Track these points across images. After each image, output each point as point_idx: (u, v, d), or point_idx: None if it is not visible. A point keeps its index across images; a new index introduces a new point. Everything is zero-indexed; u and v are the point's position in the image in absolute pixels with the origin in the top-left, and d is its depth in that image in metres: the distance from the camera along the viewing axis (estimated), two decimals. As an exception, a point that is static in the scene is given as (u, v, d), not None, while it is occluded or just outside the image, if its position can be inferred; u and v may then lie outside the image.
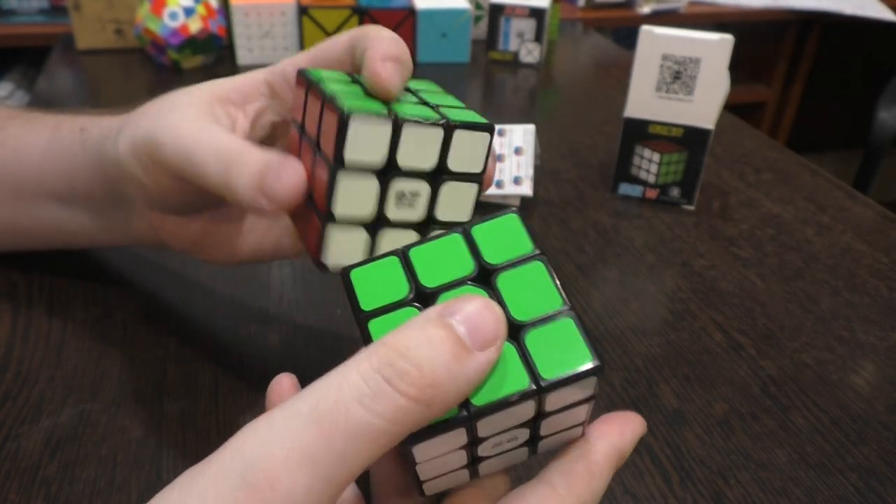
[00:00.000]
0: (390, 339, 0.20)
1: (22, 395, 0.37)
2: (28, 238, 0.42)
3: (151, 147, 0.32)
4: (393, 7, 0.86)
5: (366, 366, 0.19)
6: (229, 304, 0.44)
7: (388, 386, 0.19)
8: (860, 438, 0.37)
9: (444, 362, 0.19)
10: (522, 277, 0.23)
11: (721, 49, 0.52)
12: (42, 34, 1.18)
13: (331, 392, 0.19)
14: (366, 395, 0.19)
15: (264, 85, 0.34)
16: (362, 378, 0.19)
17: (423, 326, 0.20)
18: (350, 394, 0.19)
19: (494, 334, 0.20)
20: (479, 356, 0.20)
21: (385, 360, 0.19)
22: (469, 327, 0.20)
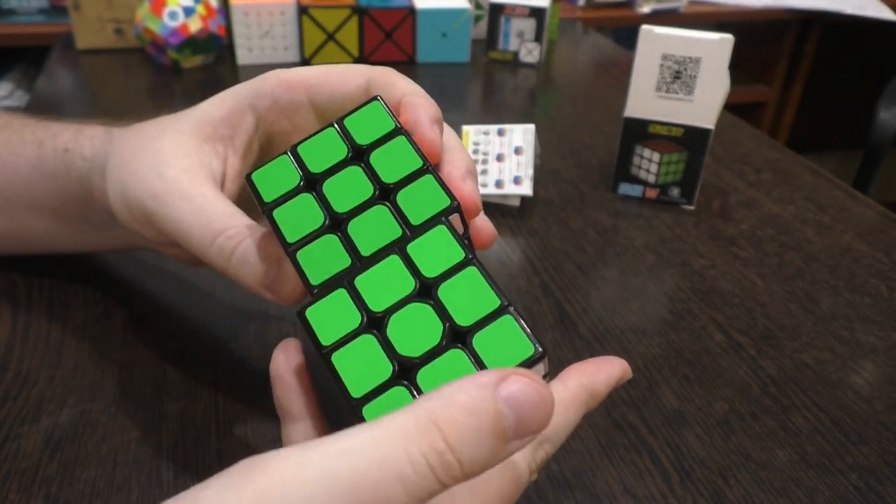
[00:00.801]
0: (444, 425, 0.19)
1: (22, 395, 0.37)
2: (24, 246, 0.42)
3: (145, 218, 0.31)
4: (393, 7, 0.86)
5: (414, 449, 0.19)
6: (229, 304, 0.44)
7: (433, 475, 0.19)
8: (860, 438, 0.37)
9: (483, 457, 0.19)
10: (460, 285, 0.25)
11: (721, 49, 0.52)
12: (42, 34, 1.18)
13: (374, 465, 0.18)
14: (409, 478, 0.18)
15: (250, 112, 0.33)
16: (409, 461, 0.18)
17: (478, 414, 0.19)
18: (394, 474, 0.18)
19: (537, 428, 0.20)
20: (514, 444, 0.20)
21: (434, 449, 0.19)
22: (517, 418, 0.19)
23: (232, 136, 0.33)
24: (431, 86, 0.83)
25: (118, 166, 0.32)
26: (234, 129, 0.33)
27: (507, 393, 0.19)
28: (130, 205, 0.32)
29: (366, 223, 0.26)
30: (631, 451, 0.36)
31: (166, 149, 0.31)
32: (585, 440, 0.36)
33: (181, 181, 0.30)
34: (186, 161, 0.31)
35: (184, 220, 0.30)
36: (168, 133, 0.32)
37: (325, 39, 0.87)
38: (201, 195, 0.30)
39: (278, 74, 0.33)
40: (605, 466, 0.35)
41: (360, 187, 0.27)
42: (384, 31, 0.87)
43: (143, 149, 0.32)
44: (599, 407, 0.38)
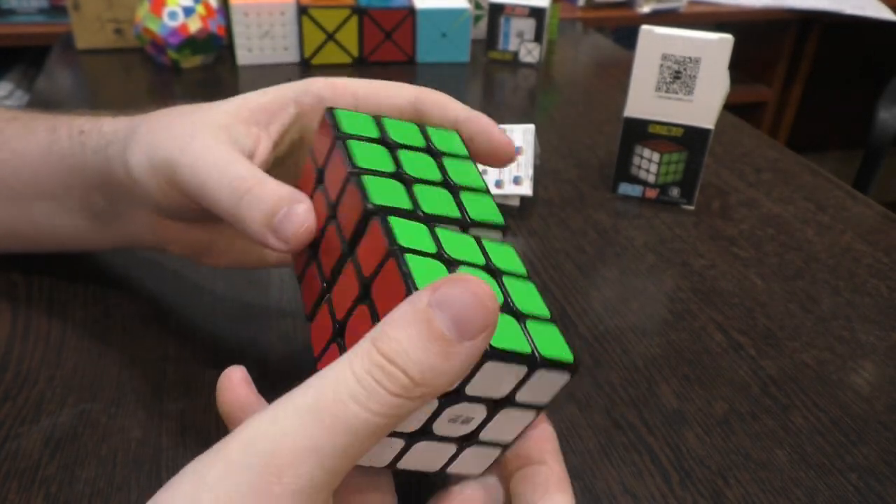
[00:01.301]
0: (379, 341, 0.21)
1: (22, 395, 0.36)
2: (24, 241, 0.42)
3: (169, 172, 0.31)
4: (393, 7, 0.86)
5: (357, 367, 0.20)
6: (229, 304, 0.44)
7: (379, 387, 0.20)
8: (860, 438, 0.37)
9: (430, 362, 0.20)
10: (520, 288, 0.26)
11: (721, 49, 0.52)
12: (42, 34, 1.18)
13: (328, 389, 0.20)
14: (360, 394, 0.20)
15: (292, 104, 0.34)
16: (356, 378, 0.20)
17: (409, 324, 0.20)
18: (346, 392, 0.20)
19: (483, 324, 0.21)
20: (465, 346, 0.21)
21: (374, 363, 0.20)
22: (455, 320, 0.20)
23: (268, 124, 0.34)
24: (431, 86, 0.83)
25: (149, 132, 0.33)
26: (271, 117, 0.34)
27: (436, 297, 0.20)
28: (156, 163, 0.32)
29: (430, 194, 0.27)
30: (631, 451, 0.36)
31: (201, 119, 0.32)
32: (585, 440, 0.36)
33: (209, 140, 0.31)
34: (218, 130, 0.32)
35: (204, 169, 0.30)
36: (204, 108, 0.33)
37: (325, 39, 0.87)
38: (225, 150, 0.31)
39: (327, 78, 0.34)
40: (604, 466, 0.35)
41: (430, 170, 0.28)
42: (384, 31, 0.87)
43: (177, 118, 0.33)
44: (599, 407, 0.38)
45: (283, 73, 0.86)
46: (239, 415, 0.26)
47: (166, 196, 0.33)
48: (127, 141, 0.34)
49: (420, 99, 0.33)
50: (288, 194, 0.28)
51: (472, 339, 0.21)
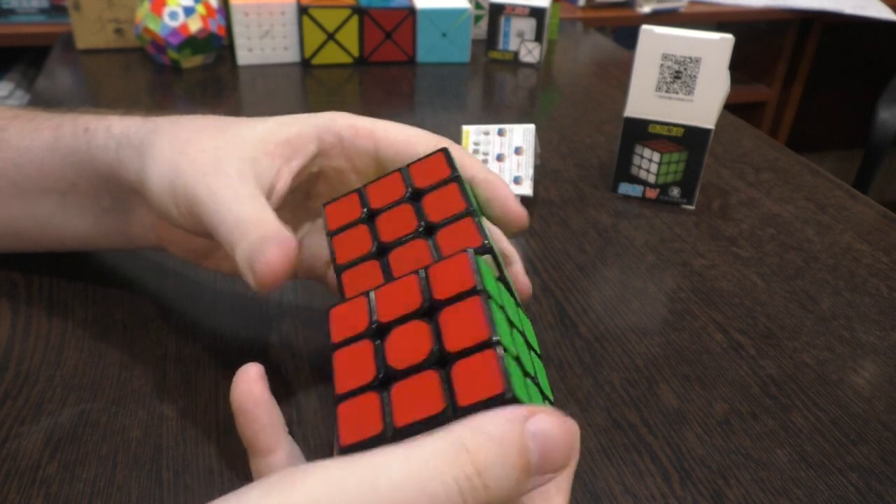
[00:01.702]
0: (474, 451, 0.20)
1: (22, 395, 0.37)
2: (27, 240, 0.42)
3: (189, 201, 0.32)
4: (393, 7, 0.86)
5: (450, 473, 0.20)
6: (229, 303, 0.44)
7: (461, 498, 0.20)
8: (860, 438, 0.37)
9: (509, 486, 0.20)
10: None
11: (721, 49, 0.52)
12: (42, 34, 1.18)
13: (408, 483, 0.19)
14: (440, 499, 0.20)
15: (315, 141, 0.35)
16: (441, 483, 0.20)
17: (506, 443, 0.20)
18: (427, 494, 0.19)
19: (561, 465, 0.21)
20: (537, 479, 0.21)
21: (465, 473, 0.20)
22: (542, 453, 0.21)
23: (290, 159, 0.34)
24: (431, 86, 0.84)
25: (172, 150, 0.33)
26: (293, 153, 0.34)
27: (534, 428, 0.21)
28: (177, 189, 0.32)
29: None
30: (631, 450, 0.36)
31: (227, 148, 0.33)
32: (585, 440, 0.36)
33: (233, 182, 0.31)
34: (244, 165, 0.32)
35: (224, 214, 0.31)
36: (232, 132, 0.33)
37: (326, 39, 0.87)
38: (248, 195, 0.31)
39: (351, 118, 0.35)
40: (605, 466, 0.35)
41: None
42: (384, 31, 0.87)
43: (203, 139, 0.33)
44: (599, 407, 0.38)
45: (284, 73, 0.86)
46: (251, 409, 0.26)
47: (181, 216, 0.33)
48: (144, 148, 0.34)
49: None
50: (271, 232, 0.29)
51: (544, 475, 0.21)
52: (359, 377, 0.24)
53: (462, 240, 0.28)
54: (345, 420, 0.23)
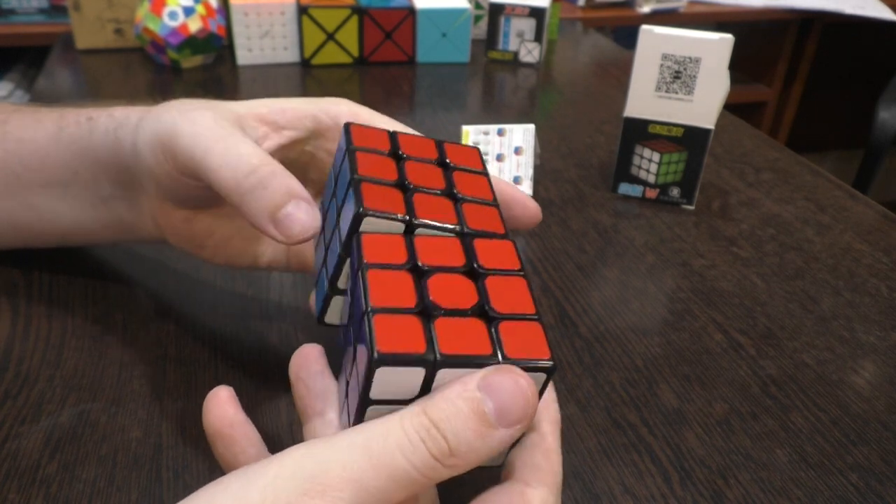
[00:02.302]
0: (429, 408, 0.23)
1: (22, 395, 0.37)
2: (26, 233, 0.42)
3: (169, 140, 0.32)
4: (393, 7, 0.86)
5: (408, 423, 0.22)
6: (229, 303, 0.44)
7: (423, 445, 0.22)
8: (860, 438, 0.37)
9: (468, 437, 0.22)
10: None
11: (721, 49, 0.52)
12: (42, 34, 1.18)
13: (379, 435, 0.22)
14: (406, 447, 0.22)
15: (311, 119, 0.35)
16: (405, 434, 0.22)
17: (459, 400, 0.23)
18: (395, 442, 0.22)
19: (521, 416, 0.23)
20: (501, 432, 0.23)
21: (422, 424, 0.22)
22: (498, 406, 0.23)
23: (281, 128, 0.34)
24: (431, 86, 0.84)
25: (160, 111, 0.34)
26: (287, 123, 0.34)
27: (486, 382, 0.23)
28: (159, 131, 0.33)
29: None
30: (631, 450, 0.36)
31: (214, 105, 0.33)
32: (585, 440, 0.36)
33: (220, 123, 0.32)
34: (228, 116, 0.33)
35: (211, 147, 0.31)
36: (222, 103, 0.34)
37: (325, 39, 0.87)
38: (234, 133, 0.31)
39: (353, 106, 0.35)
40: (604, 466, 0.35)
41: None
42: (384, 31, 0.87)
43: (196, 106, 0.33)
44: (599, 407, 0.38)
45: (284, 73, 0.86)
46: (227, 431, 0.27)
47: (166, 172, 0.33)
48: (140, 123, 0.35)
49: None
50: (297, 189, 0.29)
51: (508, 427, 0.23)
52: (398, 300, 0.24)
53: (486, 222, 0.28)
54: (382, 331, 0.23)
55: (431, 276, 0.25)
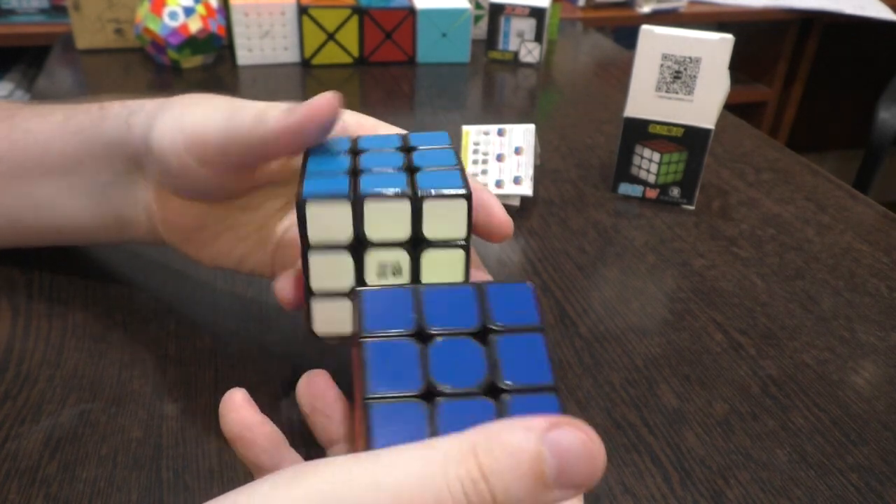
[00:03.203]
0: (482, 455, 0.19)
1: (22, 395, 0.37)
2: (22, 228, 0.42)
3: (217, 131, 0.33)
4: (393, 7, 0.86)
5: (453, 472, 0.19)
6: (229, 303, 0.44)
7: (465, 500, 0.19)
8: (860, 438, 0.37)
9: (519, 497, 0.19)
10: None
11: (721, 49, 0.52)
12: (42, 34, 1.18)
13: (415, 484, 0.19)
14: (445, 501, 0.19)
15: None
16: (447, 484, 0.19)
17: (519, 452, 0.19)
18: (432, 495, 0.19)
19: (583, 480, 0.20)
20: (554, 493, 0.20)
21: (471, 476, 0.19)
22: (560, 465, 0.20)
23: None
24: (431, 86, 0.84)
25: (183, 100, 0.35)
26: None
27: (553, 438, 0.19)
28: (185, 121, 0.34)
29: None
30: (631, 451, 0.36)
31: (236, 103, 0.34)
32: (585, 440, 0.36)
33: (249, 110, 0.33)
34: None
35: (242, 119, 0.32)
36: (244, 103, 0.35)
37: (326, 39, 0.87)
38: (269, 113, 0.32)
39: (358, 116, 0.35)
40: (605, 466, 0.35)
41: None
42: (384, 32, 0.87)
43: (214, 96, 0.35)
44: (599, 407, 0.38)
45: (284, 73, 0.86)
46: (246, 434, 0.26)
47: (180, 162, 0.34)
48: (156, 113, 0.35)
49: None
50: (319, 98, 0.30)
51: (564, 490, 0.20)
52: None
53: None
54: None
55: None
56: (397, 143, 0.31)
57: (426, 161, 0.29)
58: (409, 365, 0.23)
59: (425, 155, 0.30)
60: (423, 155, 0.30)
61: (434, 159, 0.29)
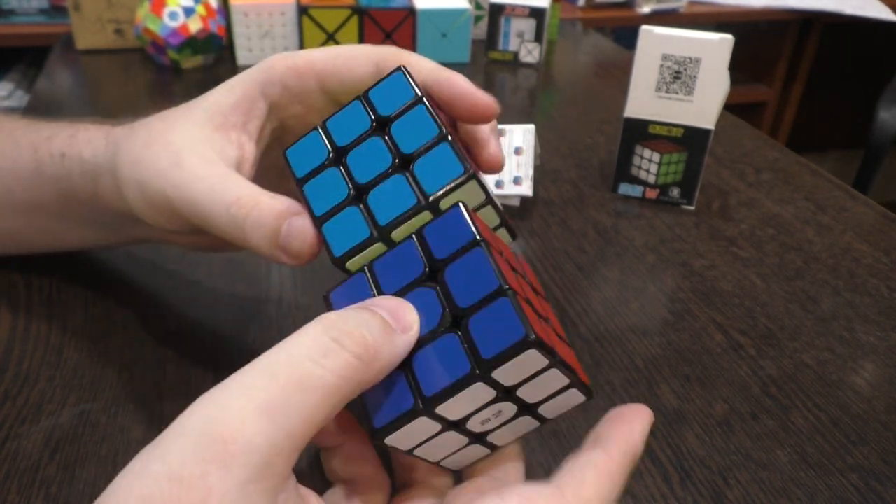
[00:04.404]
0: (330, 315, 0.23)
1: (22, 396, 0.37)
2: (27, 245, 0.42)
3: (167, 207, 0.31)
4: (393, 7, 0.86)
5: (312, 331, 0.22)
6: (229, 304, 0.44)
7: (335, 344, 0.22)
8: (860, 438, 0.37)
9: (377, 332, 0.23)
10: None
11: (721, 49, 0.52)
12: (42, 34, 1.18)
13: (282, 353, 0.22)
14: (315, 352, 0.21)
15: (261, 99, 0.33)
16: (311, 339, 0.22)
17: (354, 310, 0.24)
18: (301, 352, 0.22)
19: (411, 321, 0.24)
20: (402, 336, 0.24)
21: (329, 326, 0.22)
22: (390, 314, 0.24)
23: (245, 123, 0.33)
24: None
25: (132, 164, 0.32)
26: (246, 117, 0.33)
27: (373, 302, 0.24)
28: (152, 199, 0.32)
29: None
30: (631, 451, 0.36)
31: (179, 140, 0.31)
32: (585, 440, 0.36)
33: (196, 165, 0.30)
34: (200, 147, 0.31)
35: (201, 201, 0.30)
36: (179, 125, 0.32)
37: (326, 40, 0.87)
38: (215, 174, 0.30)
39: (285, 60, 0.32)
40: (605, 466, 0.35)
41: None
42: (384, 32, 0.87)
43: (155, 144, 0.32)
44: (599, 408, 0.38)
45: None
46: None
47: (171, 222, 0.32)
48: (112, 172, 0.33)
49: (379, 65, 0.31)
50: (285, 208, 0.28)
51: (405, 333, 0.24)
52: None
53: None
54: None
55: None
56: (368, 120, 0.29)
57: (410, 138, 0.28)
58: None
59: (404, 128, 0.28)
60: (402, 128, 0.28)
61: (415, 131, 0.28)
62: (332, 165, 0.29)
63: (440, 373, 0.24)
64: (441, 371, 0.24)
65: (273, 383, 0.21)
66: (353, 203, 0.28)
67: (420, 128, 0.28)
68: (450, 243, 0.25)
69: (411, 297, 0.25)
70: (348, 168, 0.28)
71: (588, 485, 0.24)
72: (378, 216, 0.27)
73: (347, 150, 0.29)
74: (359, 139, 0.29)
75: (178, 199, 0.30)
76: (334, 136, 0.29)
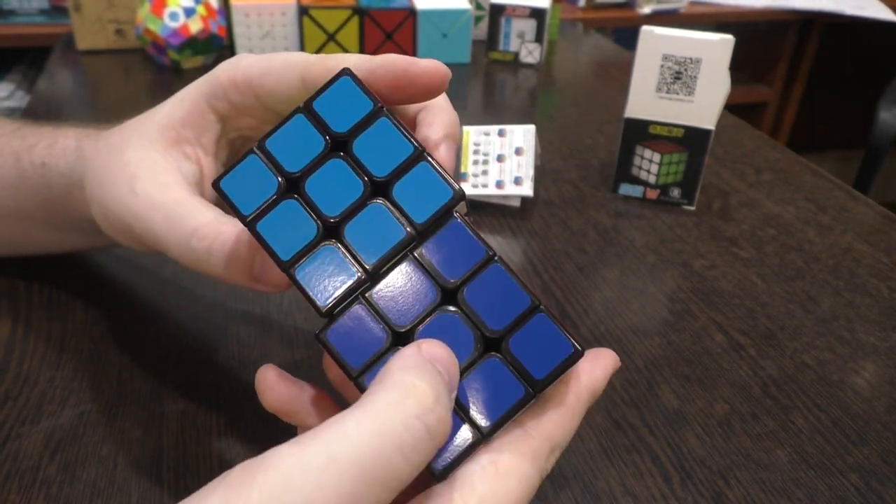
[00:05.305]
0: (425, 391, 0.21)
1: (22, 396, 0.37)
2: (20, 249, 0.43)
3: (126, 229, 0.30)
4: (393, 7, 0.86)
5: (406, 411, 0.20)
6: (229, 304, 0.44)
7: (428, 435, 0.20)
8: (860, 438, 0.37)
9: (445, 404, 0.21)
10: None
11: (721, 49, 0.52)
12: (42, 34, 1.18)
13: (373, 440, 0.19)
14: (407, 445, 0.19)
15: (210, 112, 0.31)
16: (404, 426, 0.20)
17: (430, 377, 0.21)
18: (393, 444, 0.19)
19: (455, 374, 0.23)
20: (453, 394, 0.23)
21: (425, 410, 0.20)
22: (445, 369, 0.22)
23: (198, 137, 0.32)
24: (432, 86, 0.83)
25: (96, 186, 0.32)
26: (198, 131, 0.32)
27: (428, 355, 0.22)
28: (112, 223, 0.31)
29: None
30: (631, 451, 0.36)
31: (134, 160, 0.30)
32: (585, 440, 0.36)
33: (151, 193, 0.29)
34: (155, 169, 0.30)
35: (159, 232, 0.29)
36: (133, 141, 0.31)
37: (326, 40, 0.87)
38: (172, 201, 0.29)
39: (228, 72, 0.30)
40: (605, 467, 0.35)
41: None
42: (385, 32, 0.87)
43: (113, 163, 0.31)
44: (599, 407, 0.38)
45: (284, 73, 0.86)
46: (286, 408, 0.26)
47: (139, 246, 0.32)
48: (82, 186, 0.33)
49: (305, 79, 0.29)
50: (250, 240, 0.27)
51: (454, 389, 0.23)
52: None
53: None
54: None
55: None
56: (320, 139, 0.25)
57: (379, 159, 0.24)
58: None
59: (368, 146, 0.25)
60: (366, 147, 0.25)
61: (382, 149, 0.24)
62: (287, 197, 0.24)
63: (493, 401, 0.23)
64: (492, 399, 0.23)
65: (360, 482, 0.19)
66: (327, 241, 0.24)
67: (387, 144, 0.24)
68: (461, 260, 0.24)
69: (432, 327, 0.23)
70: (309, 199, 0.24)
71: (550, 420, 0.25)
72: (362, 255, 0.24)
73: (303, 177, 0.24)
74: (314, 163, 0.24)
75: (138, 227, 0.30)
76: (281, 161, 0.25)
